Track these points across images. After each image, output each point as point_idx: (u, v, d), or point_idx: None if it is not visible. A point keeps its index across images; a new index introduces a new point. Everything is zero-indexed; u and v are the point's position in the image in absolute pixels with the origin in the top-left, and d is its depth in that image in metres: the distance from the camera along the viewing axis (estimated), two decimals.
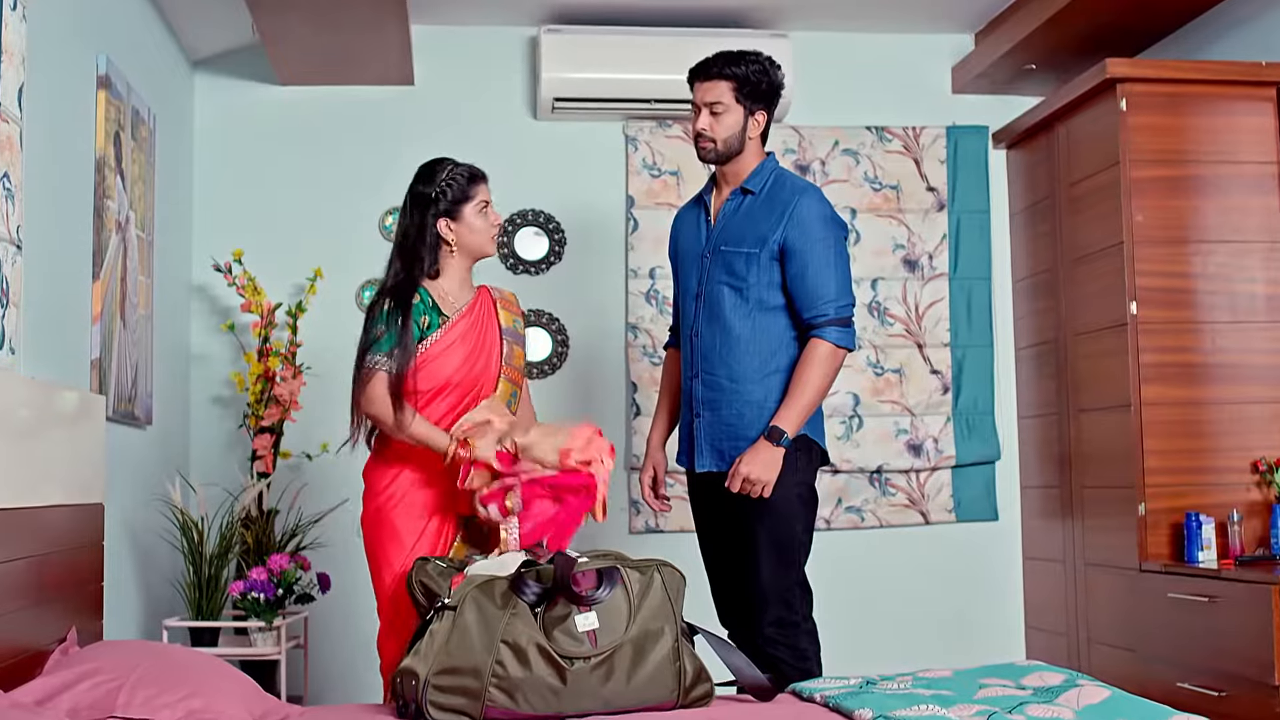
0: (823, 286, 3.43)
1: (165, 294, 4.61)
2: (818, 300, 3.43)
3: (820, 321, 3.42)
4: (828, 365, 3.42)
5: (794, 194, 3.49)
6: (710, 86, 3.53)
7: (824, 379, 3.42)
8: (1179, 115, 4.61)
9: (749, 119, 3.54)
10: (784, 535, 3.43)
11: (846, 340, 3.45)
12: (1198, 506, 4.43)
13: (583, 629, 2.73)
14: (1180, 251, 4.57)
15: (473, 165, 3.42)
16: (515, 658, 2.66)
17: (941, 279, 5.41)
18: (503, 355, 3.39)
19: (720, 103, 3.51)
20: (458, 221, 3.35)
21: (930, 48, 5.51)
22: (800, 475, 3.46)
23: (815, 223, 3.45)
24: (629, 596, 2.80)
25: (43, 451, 3.02)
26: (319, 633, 4.90)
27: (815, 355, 3.41)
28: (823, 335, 3.41)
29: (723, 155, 3.56)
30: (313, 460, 4.86)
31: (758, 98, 3.53)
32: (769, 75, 3.54)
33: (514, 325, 3.46)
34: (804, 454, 3.47)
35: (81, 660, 2.72)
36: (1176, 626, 4.22)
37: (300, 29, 4.58)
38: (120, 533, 3.97)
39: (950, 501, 5.37)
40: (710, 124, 3.53)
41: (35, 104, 3.21)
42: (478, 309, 3.39)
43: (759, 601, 3.42)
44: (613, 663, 2.72)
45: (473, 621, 2.68)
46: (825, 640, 5.20)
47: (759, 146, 3.60)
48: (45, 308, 3.32)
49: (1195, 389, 4.53)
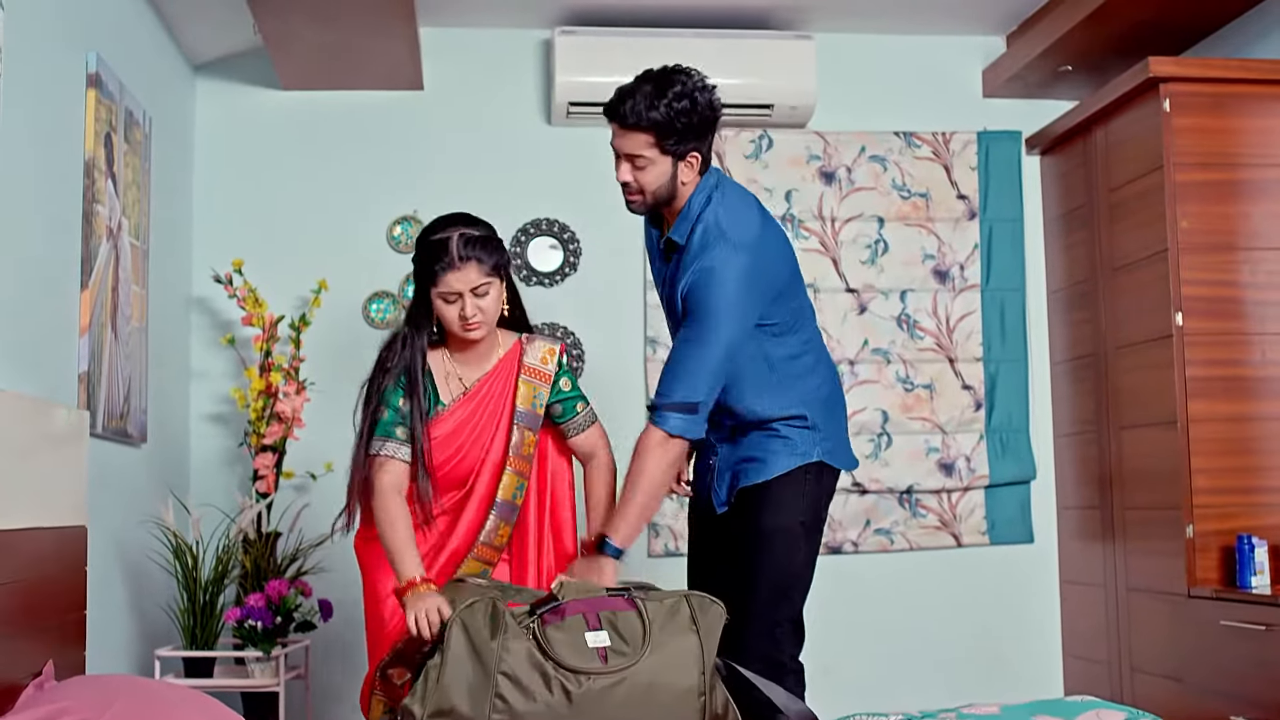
0: (678, 364, 3.00)
1: (162, 305, 4.43)
2: (667, 378, 3.01)
3: (661, 404, 2.99)
4: (662, 457, 2.98)
5: (700, 248, 3.05)
6: (628, 138, 3.03)
7: (658, 472, 2.98)
8: (1225, 116, 4.44)
9: (678, 165, 3.04)
10: (781, 568, 3.14)
11: (687, 429, 2.99)
12: (1249, 528, 4.24)
13: (593, 645, 2.56)
14: (1228, 259, 4.39)
15: (454, 244, 2.97)
16: (515, 688, 2.49)
17: (973, 290, 5.22)
18: (509, 444, 3.10)
19: (642, 157, 3.03)
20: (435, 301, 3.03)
21: (960, 49, 5.34)
22: (806, 501, 3.16)
23: (701, 294, 2.99)
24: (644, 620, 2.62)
25: (19, 470, 2.84)
26: (320, 663, 4.71)
27: (647, 444, 2.98)
28: (659, 421, 2.98)
29: (653, 205, 3.12)
30: (316, 480, 4.68)
31: (686, 139, 3.02)
32: (696, 109, 3.00)
33: (532, 405, 3.13)
34: (812, 479, 3.16)
35: (55, 696, 2.53)
36: (1228, 656, 4.02)
37: (304, 31, 4.45)
38: (110, 557, 3.79)
39: (984, 523, 5.18)
40: (634, 177, 3.06)
41: (16, 100, 3.04)
42: (487, 389, 3.11)
43: (745, 636, 3.07)
44: (626, 688, 2.56)
45: (463, 653, 2.52)
46: (853, 668, 5.08)
47: (697, 178, 3.11)
48: (27, 317, 3.16)
49: (1245, 404, 4.35)
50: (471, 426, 3.07)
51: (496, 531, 3.08)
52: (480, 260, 2.97)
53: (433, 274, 2.97)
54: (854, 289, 5.16)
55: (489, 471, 3.08)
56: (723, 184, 3.16)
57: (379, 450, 2.98)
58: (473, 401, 3.08)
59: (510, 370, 3.12)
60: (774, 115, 5.07)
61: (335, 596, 4.47)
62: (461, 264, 2.95)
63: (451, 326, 3.01)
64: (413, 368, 3.02)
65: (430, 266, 2.98)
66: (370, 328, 4.94)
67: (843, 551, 5.09)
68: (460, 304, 2.98)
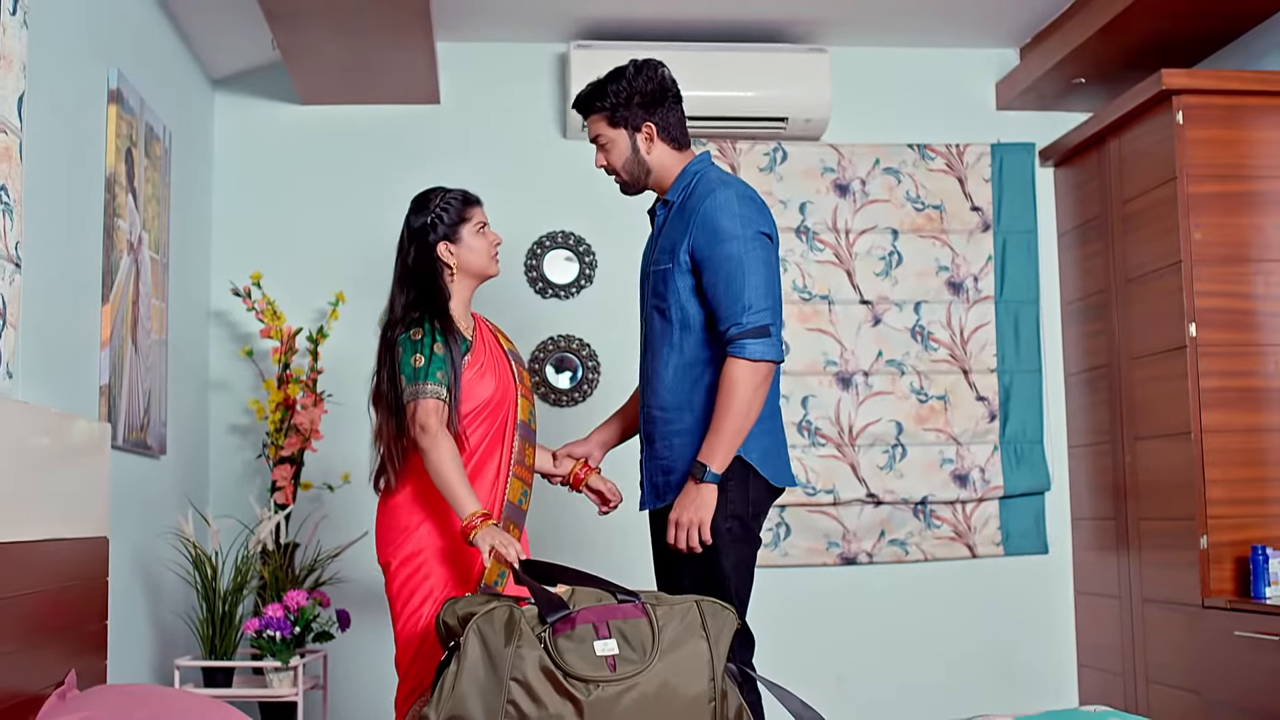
0: (733, 295, 3.09)
1: (181, 318, 4.46)
2: (730, 312, 3.08)
3: (734, 335, 3.07)
4: (747, 384, 3.05)
5: (703, 196, 3.18)
6: (590, 124, 3.33)
7: (745, 400, 3.05)
8: (1238, 128, 4.44)
9: (635, 137, 3.26)
10: (710, 574, 3.09)
11: (766, 352, 3.06)
12: (1264, 539, 4.24)
13: (601, 654, 2.57)
14: (1241, 271, 4.39)
15: (466, 190, 3.34)
16: (527, 695, 2.50)
17: (987, 302, 5.23)
18: (514, 375, 3.31)
19: (601, 136, 3.30)
20: (457, 244, 3.27)
21: (973, 62, 5.35)
22: (732, 508, 3.11)
23: (722, 224, 3.11)
24: (654, 627, 2.63)
25: (42, 481, 2.86)
26: (339, 673, 4.73)
27: (731, 376, 3.06)
28: (737, 351, 3.07)
29: (634, 182, 3.33)
30: (334, 491, 4.70)
31: (634, 111, 3.25)
32: (634, 84, 3.24)
33: (513, 348, 3.42)
34: (736, 482, 3.11)
35: (77, 706, 2.56)
36: (1244, 667, 4.01)
37: (322, 46, 4.48)
38: (130, 567, 3.82)
39: (998, 534, 5.18)
40: (603, 159, 3.33)
41: (39, 115, 3.07)
42: (483, 334, 3.33)
43: None
44: (635, 695, 2.55)
45: (478, 660, 2.54)
46: (868, 678, 5.08)
47: (673, 153, 3.28)
48: (50, 330, 3.18)
49: (1259, 415, 4.35)
50: (494, 355, 3.28)
51: (524, 452, 3.26)
52: None
53: (460, 215, 3.28)
54: (868, 301, 5.17)
55: (513, 399, 3.27)
56: (716, 167, 3.32)
57: (426, 394, 3.08)
58: (483, 337, 3.31)
59: (484, 324, 3.37)
60: (788, 128, 5.10)
61: (353, 607, 4.49)
62: (478, 202, 3.36)
63: (484, 257, 3.30)
64: (447, 316, 3.21)
65: (457, 209, 3.28)
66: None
67: (857, 562, 5.10)
68: (490, 233, 3.32)
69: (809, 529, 5.07)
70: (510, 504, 3.18)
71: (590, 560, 3.82)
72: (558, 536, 4.51)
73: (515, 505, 3.20)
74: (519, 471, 3.23)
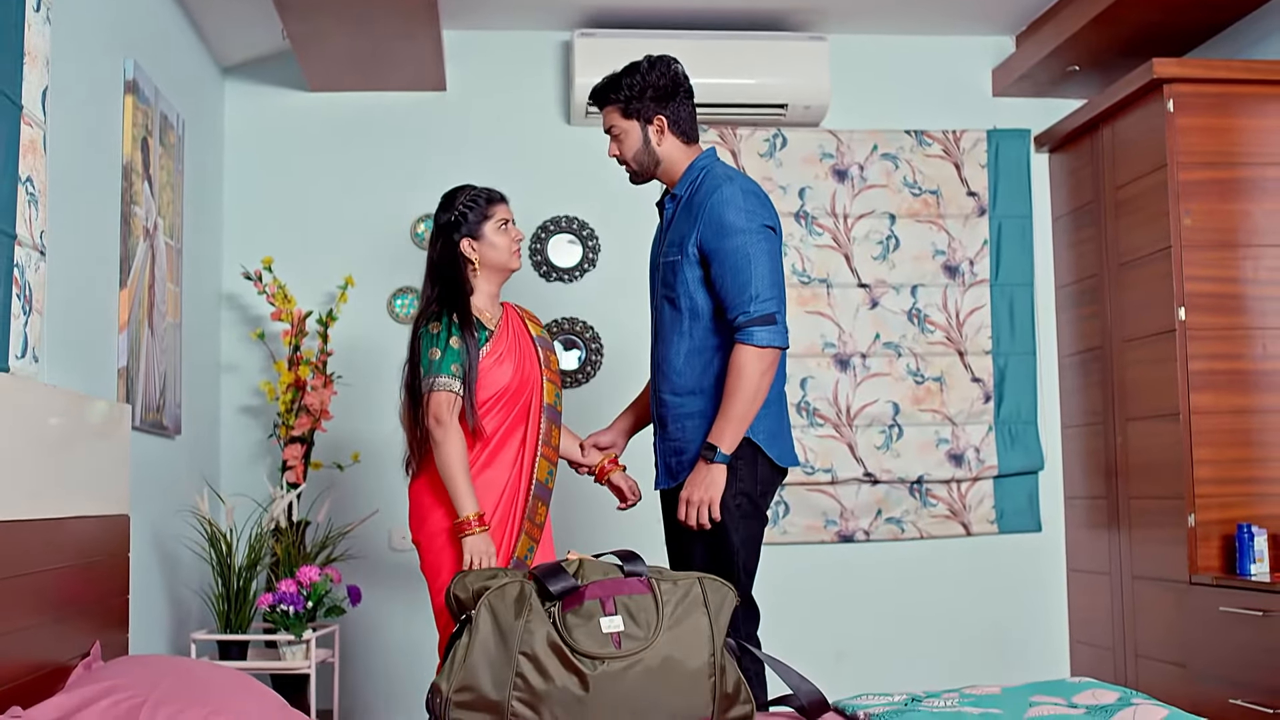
0: (740, 286, 3.21)
1: (194, 302, 4.56)
2: (738, 301, 3.22)
3: (742, 323, 3.21)
4: (754, 369, 3.19)
5: (710, 191, 3.30)
6: (604, 115, 3.47)
7: (752, 384, 3.19)
8: (1228, 116, 4.52)
9: (646, 129, 3.40)
10: (719, 549, 3.24)
11: (773, 339, 3.20)
12: (1249, 518, 4.33)
13: (607, 630, 2.65)
14: (1230, 256, 4.47)
15: (491, 188, 3.47)
16: (535, 669, 2.59)
17: (983, 285, 5.32)
18: (540, 360, 3.43)
19: (614, 126, 3.44)
20: (479, 240, 3.41)
21: (970, 50, 5.43)
22: (741, 486, 3.26)
23: (729, 218, 3.24)
24: (658, 602, 2.72)
25: (67, 461, 2.96)
26: (350, 646, 4.84)
27: (739, 361, 3.20)
28: (745, 338, 3.20)
29: (643, 172, 3.47)
30: (344, 470, 4.80)
31: (646, 104, 3.39)
32: (647, 78, 3.38)
33: (543, 334, 3.54)
34: (745, 461, 3.26)
35: (104, 676, 2.65)
36: (1229, 641, 4.11)
37: (331, 34, 4.54)
38: (148, 544, 3.92)
39: (992, 512, 5.28)
40: (615, 149, 3.46)
41: (61, 108, 3.16)
42: (510, 322, 3.46)
43: None
44: (639, 670, 2.63)
45: (489, 634, 2.63)
46: (866, 653, 5.17)
47: (682, 147, 3.43)
48: (71, 315, 3.28)
49: (1246, 397, 4.44)
50: (518, 344, 3.41)
51: (550, 433, 3.40)
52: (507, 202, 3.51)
53: (484, 213, 3.41)
54: (866, 284, 5.27)
55: (537, 384, 3.41)
56: (721, 163, 3.44)
57: (439, 387, 3.23)
58: (509, 326, 3.43)
59: (514, 312, 3.50)
60: (788, 114, 5.18)
61: (363, 583, 4.59)
62: (503, 200, 3.48)
63: (505, 253, 3.43)
64: (465, 310, 3.33)
65: (480, 206, 3.41)
66: (395, 323, 5.06)
67: (855, 540, 5.20)
68: (513, 230, 3.44)
69: (808, 507, 5.17)
70: (538, 483, 3.34)
71: (605, 536, 3.93)
72: (579, 515, 4.64)
73: (542, 484, 3.35)
74: (546, 452, 3.37)
